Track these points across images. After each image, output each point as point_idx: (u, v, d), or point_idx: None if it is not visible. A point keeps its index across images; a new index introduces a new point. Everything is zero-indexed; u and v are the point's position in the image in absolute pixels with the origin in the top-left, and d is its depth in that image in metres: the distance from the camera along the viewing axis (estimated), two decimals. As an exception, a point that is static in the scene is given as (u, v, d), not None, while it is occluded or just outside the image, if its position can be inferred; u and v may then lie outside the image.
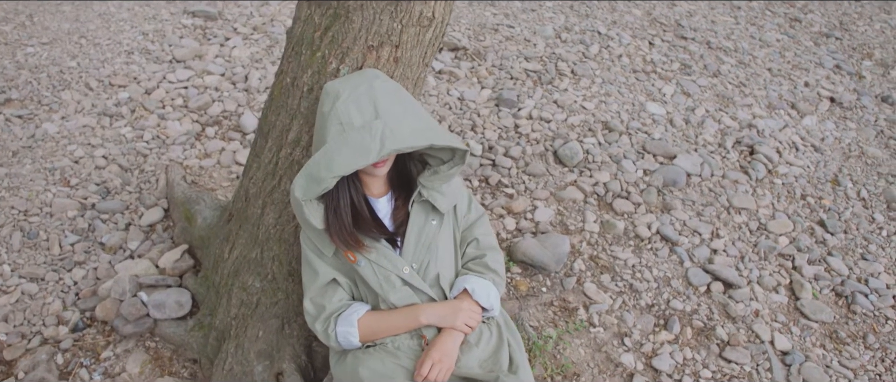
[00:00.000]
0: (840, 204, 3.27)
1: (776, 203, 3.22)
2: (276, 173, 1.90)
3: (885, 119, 4.12)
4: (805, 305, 2.64)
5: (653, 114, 3.79)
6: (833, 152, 3.71)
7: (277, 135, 1.89)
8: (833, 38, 5.28)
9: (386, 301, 1.71)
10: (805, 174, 3.45)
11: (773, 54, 4.80)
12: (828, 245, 2.99)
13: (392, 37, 1.78)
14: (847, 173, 3.52)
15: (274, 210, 1.92)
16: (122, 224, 2.74)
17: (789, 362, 2.40)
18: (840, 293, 2.74)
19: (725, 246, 2.90)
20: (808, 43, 5.11)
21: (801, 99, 4.20)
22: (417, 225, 1.77)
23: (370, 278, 1.70)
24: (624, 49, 4.54)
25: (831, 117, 4.07)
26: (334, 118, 1.58)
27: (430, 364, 1.60)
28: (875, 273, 2.86)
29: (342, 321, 1.69)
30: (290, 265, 1.94)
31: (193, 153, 3.21)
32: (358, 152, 1.54)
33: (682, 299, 2.63)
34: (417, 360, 1.66)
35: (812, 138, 3.79)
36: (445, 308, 1.70)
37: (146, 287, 2.35)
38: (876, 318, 2.65)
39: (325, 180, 1.55)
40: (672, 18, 5.18)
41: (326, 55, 1.77)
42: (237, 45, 4.10)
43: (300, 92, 1.83)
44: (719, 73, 4.39)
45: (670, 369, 2.34)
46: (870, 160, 3.68)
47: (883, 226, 3.16)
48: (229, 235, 2.04)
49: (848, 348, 2.50)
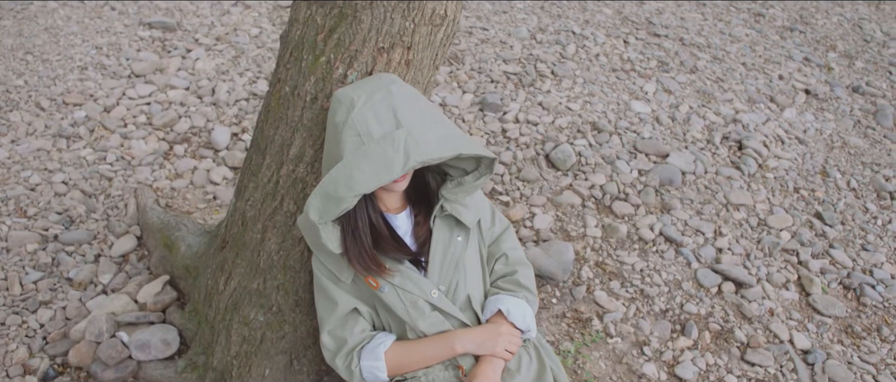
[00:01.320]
0: (832, 195, 3.26)
1: (772, 198, 3.18)
2: (277, 193, 1.71)
3: (859, 109, 4.17)
4: (817, 300, 2.59)
5: (639, 112, 3.72)
6: (817, 143, 3.71)
7: (277, 151, 1.70)
8: (796, 31, 5.35)
9: (414, 330, 1.54)
10: (794, 167, 3.43)
11: (744, 49, 4.82)
12: (828, 238, 2.95)
13: (404, 37, 1.62)
14: (834, 164, 3.52)
15: (276, 235, 1.72)
16: (90, 256, 2.48)
17: (812, 361, 2.33)
18: (848, 285, 2.70)
19: (730, 245, 2.83)
20: (774, 37, 5.17)
21: (779, 92, 4.21)
22: (442, 242, 1.61)
23: (395, 304, 1.53)
24: (600, 48, 4.48)
25: (809, 109, 4.08)
26: (350, 130, 1.41)
27: (476, 400, 1.44)
28: (878, 264, 2.83)
29: (367, 354, 1.51)
30: (297, 294, 1.75)
31: (163, 174, 2.96)
32: (381, 167, 1.37)
33: (695, 302, 2.53)
34: (458, 393, 1.50)
35: (795, 131, 3.79)
36: (483, 334, 1.54)
37: (125, 326, 2.11)
38: (886, 309, 2.61)
39: (346, 199, 1.38)
40: (642, 16, 5.16)
41: (332, 60, 1.60)
42: (200, 57, 3.85)
43: (302, 102, 1.64)
44: (696, 69, 4.37)
45: (694, 377, 2.24)
46: (852, 150, 3.69)
47: (877, 215, 3.16)
48: (224, 264, 1.84)
49: (865, 342, 2.45)
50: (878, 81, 4.58)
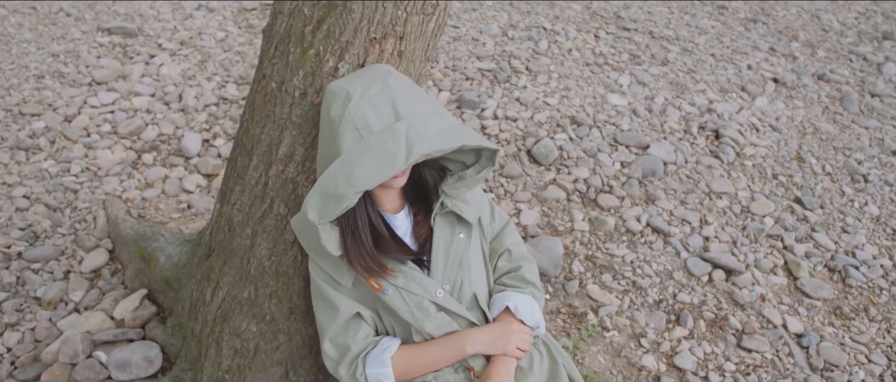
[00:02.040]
0: (809, 180, 3.30)
1: (752, 185, 3.20)
2: (267, 195, 1.62)
3: (826, 96, 4.24)
4: (805, 284, 2.60)
5: (616, 105, 3.72)
6: (789, 130, 3.76)
7: (264, 150, 1.61)
8: (759, 22, 5.45)
9: (421, 332, 1.47)
10: (771, 154, 3.47)
11: (711, 40, 4.88)
12: (810, 222, 2.98)
13: (396, 27, 1.54)
14: (808, 150, 3.57)
15: (267, 240, 1.63)
16: (58, 273, 2.34)
17: (806, 344, 2.34)
18: (833, 268, 2.73)
19: (716, 233, 2.83)
20: (739, 28, 5.24)
21: (749, 81, 4.26)
22: (444, 240, 1.54)
23: (400, 307, 1.45)
24: (572, 43, 4.47)
25: (779, 97, 4.14)
26: (348, 123, 1.33)
27: (493, 401, 1.38)
28: (859, 245, 2.87)
29: (372, 361, 1.43)
30: (291, 301, 1.66)
31: (132, 184, 2.82)
32: (383, 161, 1.30)
33: (687, 291, 2.52)
34: (470, 396, 1.43)
35: (768, 119, 3.83)
36: (493, 333, 1.47)
37: (103, 345, 1.99)
38: (871, 289, 2.64)
39: (347, 196, 1.30)
40: (611, 11, 5.18)
41: (321, 52, 1.51)
42: (165, 63, 3.70)
43: (291, 98, 1.56)
44: (668, 61, 4.40)
45: (694, 366, 2.22)
46: (824, 136, 3.75)
47: (853, 198, 3.20)
48: (211, 273, 1.73)
49: (854, 323, 2.47)
50: (840, 69, 4.68)
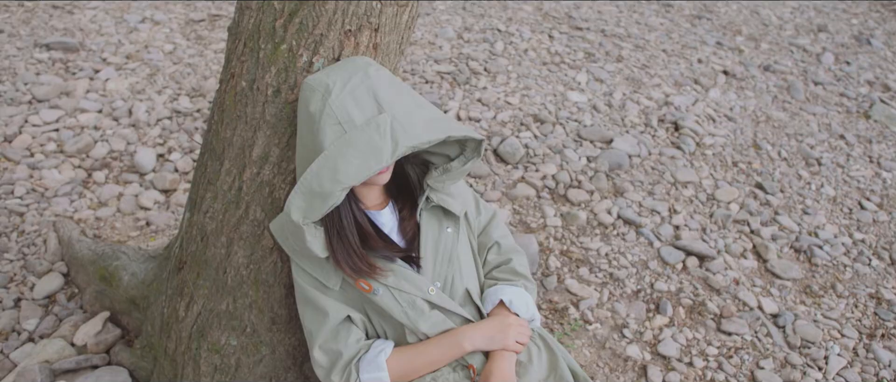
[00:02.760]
0: (768, 166, 3.38)
1: (714, 173, 3.25)
2: (241, 200, 1.54)
3: (774, 85, 4.38)
4: (774, 266, 2.65)
5: (576, 102, 3.74)
6: (744, 119, 3.86)
7: (237, 154, 1.53)
8: (704, 18, 5.60)
9: (415, 333, 1.41)
10: (729, 143, 3.54)
11: (661, 37, 4.98)
12: (772, 206, 3.05)
13: (371, 18, 1.49)
14: (763, 138, 3.66)
15: (243, 247, 1.54)
16: (8, 301, 2.17)
17: (782, 323, 2.37)
18: (798, 249, 2.79)
19: (685, 221, 2.87)
20: (686, 25, 5.38)
21: (700, 75, 4.36)
22: (432, 236, 1.49)
23: (392, 307, 1.39)
24: (527, 44, 4.49)
25: (731, 89, 4.25)
26: (329, 118, 1.27)
27: (496, 397, 1.32)
28: (820, 226, 2.95)
29: (366, 366, 1.36)
30: (273, 311, 1.57)
31: (84, 204, 2.67)
32: (368, 155, 1.24)
33: (664, 280, 2.53)
34: (472, 395, 1.38)
35: (723, 109, 3.92)
36: (491, 328, 1.43)
37: (64, 374, 1.85)
38: (835, 267, 2.71)
39: (333, 193, 1.24)
40: (562, 11, 5.23)
41: (294, 47, 1.45)
42: (111, 77, 3.53)
43: (263, 96, 1.48)
44: (622, 58, 4.46)
45: (678, 353, 2.22)
46: (776, 123, 3.86)
47: (809, 181, 3.30)
48: (184, 287, 1.63)
49: (823, 300, 2.53)
50: (784, 61, 4.84)
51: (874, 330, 2.39)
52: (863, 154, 3.61)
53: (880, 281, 2.65)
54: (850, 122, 4.00)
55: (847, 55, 5.10)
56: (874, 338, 2.36)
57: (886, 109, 4.18)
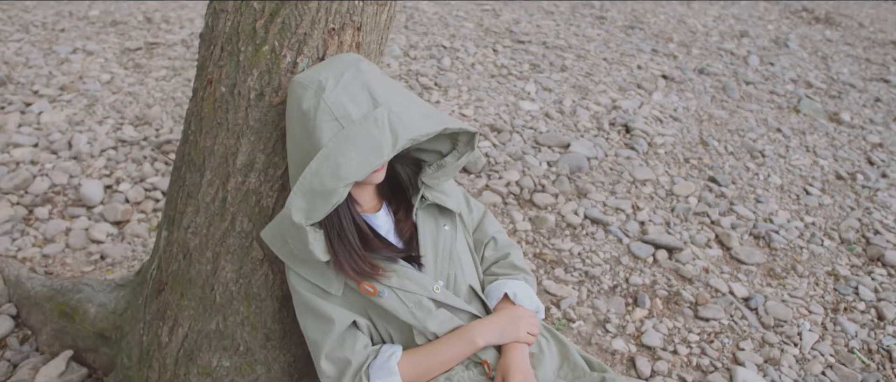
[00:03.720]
0: (717, 161, 3.51)
1: (669, 170, 3.35)
2: (226, 212, 1.46)
3: (710, 86, 4.58)
4: (738, 252, 2.74)
5: (529, 110, 3.79)
6: (688, 119, 4.01)
7: (219, 163, 1.45)
8: (636, 29, 5.83)
9: (424, 333, 1.36)
10: (678, 141, 3.67)
11: (600, 47, 5.14)
12: (727, 197, 3.16)
13: (354, 17, 1.46)
14: (708, 135, 3.81)
15: (232, 261, 1.46)
16: (-48, 351, 1.98)
17: (753, 305, 2.44)
18: (757, 235, 2.89)
19: (650, 217, 2.93)
20: (621, 35, 5.58)
21: (642, 80, 4.52)
22: (430, 234, 1.46)
23: (398, 309, 1.34)
24: (473, 58, 4.54)
25: (671, 91, 4.42)
26: (325, 114, 1.23)
27: (516, 389, 1.29)
28: (773, 212, 3.07)
29: (378, 371, 1.30)
30: (266, 327, 1.49)
31: (28, 242, 2.48)
32: (369, 149, 1.21)
33: (637, 274, 2.57)
34: (490, 390, 1.34)
35: (668, 110, 4.06)
36: (502, 321, 1.39)
37: (27, 420, 1.69)
38: (793, 249, 2.83)
39: (336, 190, 1.19)
40: (502, 27, 5.33)
41: (277, 48, 1.40)
42: (44, 110, 3.33)
43: (246, 101, 1.42)
44: (566, 67, 4.57)
45: (662, 342, 2.25)
46: (718, 121, 4.03)
47: (757, 172, 3.44)
48: (166, 311, 1.52)
49: (787, 281, 2.62)
50: (715, 64, 5.08)
51: (837, 305, 2.50)
52: (799, 145, 3.81)
53: (834, 260, 2.78)
54: (783, 116, 4.22)
55: (770, 57, 5.41)
56: (838, 312, 2.46)
57: (812, 104, 4.44)
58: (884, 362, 2.23)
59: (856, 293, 2.55)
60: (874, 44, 6.29)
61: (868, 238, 2.93)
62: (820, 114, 4.32)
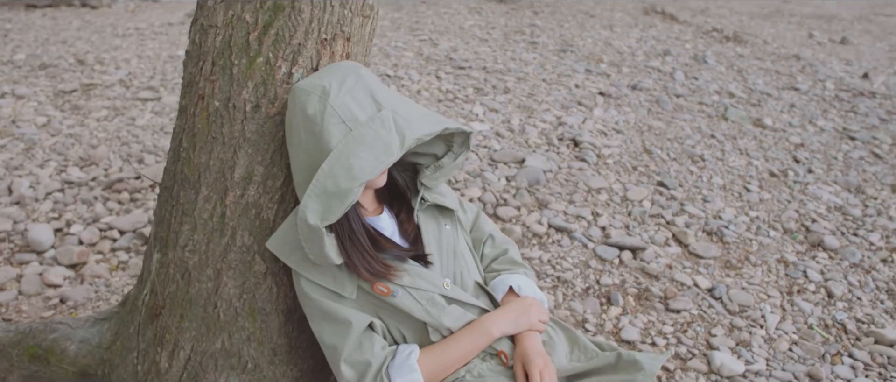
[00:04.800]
0: (662, 167, 3.70)
1: (620, 178, 3.50)
2: (226, 227, 1.44)
3: (645, 100, 4.83)
4: (696, 248, 2.88)
5: (480, 131, 3.88)
6: (630, 131, 4.20)
7: (216, 178, 1.43)
8: (568, 52, 6.09)
9: (439, 329, 1.38)
10: (624, 151, 3.84)
11: (538, 69, 5.33)
12: (677, 199, 3.33)
13: (344, 27, 1.50)
14: (650, 144, 4.01)
15: (234, 277, 1.43)
16: None
17: (718, 295, 2.57)
18: (709, 231, 3.06)
19: (610, 221, 3.04)
20: (554, 58, 5.81)
21: (581, 97, 4.71)
22: (433, 234, 1.49)
23: (413, 307, 1.36)
24: (418, 85, 4.62)
25: (610, 106, 4.63)
26: (332, 117, 1.26)
27: (539, 372, 1.31)
28: (721, 210, 3.26)
29: (398, 370, 1.31)
30: (273, 342, 1.46)
31: (-24, 292, 2.32)
32: (379, 149, 1.24)
33: (607, 275, 2.66)
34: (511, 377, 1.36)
35: (609, 124, 4.25)
36: (514, 311, 1.43)
37: None
38: (744, 242, 3.00)
39: (352, 190, 1.21)
40: (442, 55, 5.45)
41: (272, 59, 1.41)
42: (-22, 156, 3.15)
43: (242, 114, 1.42)
44: (509, 89, 4.72)
45: (640, 336, 2.33)
46: (657, 131, 4.25)
47: (700, 174, 3.65)
48: (164, 335, 1.46)
49: (743, 270, 2.78)
50: (646, 80, 5.36)
51: (791, 288, 2.67)
52: (733, 148, 4.06)
53: (781, 248, 2.97)
54: (714, 124, 4.49)
55: (693, 72, 5.76)
56: (793, 294, 2.62)
57: (738, 112, 4.75)
58: (840, 334, 2.39)
59: (805, 276, 2.73)
60: (780, 58, 6.80)
61: (807, 227, 3.15)
62: (745, 120, 4.62)
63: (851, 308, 2.54)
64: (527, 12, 8.03)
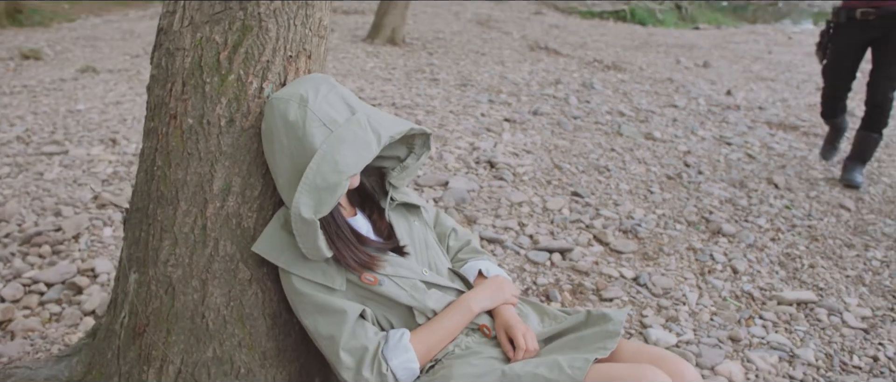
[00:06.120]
0: (573, 179, 3.99)
1: (538, 191, 3.75)
2: (208, 238, 1.48)
3: (547, 124, 5.19)
4: (616, 246, 3.15)
5: (402, 160, 4.02)
6: (538, 151, 4.50)
7: (194, 192, 1.48)
8: (468, 86, 6.41)
9: (424, 312, 1.48)
10: (537, 169, 4.11)
11: (443, 102, 5.58)
12: (592, 205, 3.61)
13: (306, 45, 1.61)
14: (559, 161, 4.31)
15: (220, 286, 1.47)
16: None
17: (643, 282, 2.83)
18: (624, 230, 3.35)
19: (536, 230, 3.26)
20: (457, 92, 6.10)
21: (489, 125, 4.99)
22: (405, 230, 1.61)
23: (398, 294, 1.46)
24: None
25: (517, 131, 4.93)
26: (313, 121, 1.37)
27: (522, 335, 1.45)
28: (632, 211, 3.57)
29: (393, 351, 1.40)
30: (262, 345, 1.50)
31: None
32: (360, 146, 1.36)
33: (542, 275, 2.85)
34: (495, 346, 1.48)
35: (519, 146, 4.53)
36: (489, 289, 1.57)
37: None
38: (655, 236, 3.31)
39: (340, 183, 1.32)
40: (351, 95, 5.58)
41: (243, 76, 1.50)
42: None
43: (217, 129, 1.48)
44: (420, 122, 4.91)
45: (581, 324, 2.52)
46: (563, 150, 4.58)
47: (607, 183, 3.97)
48: (151, 351, 1.46)
49: (659, 260, 3.07)
50: (544, 106, 5.75)
51: (702, 270, 2.98)
52: (632, 159, 4.46)
53: (688, 238, 3.30)
54: (611, 139, 4.90)
55: (584, 96, 6.24)
56: (705, 275, 2.93)
57: (630, 128, 5.21)
58: (749, 301, 2.71)
59: (712, 259, 3.06)
60: (656, 81, 7.49)
61: (706, 218, 3.52)
62: (637, 135, 5.07)
63: (754, 280, 2.87)
64: (422, 54, 8.34)
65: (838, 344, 2.43)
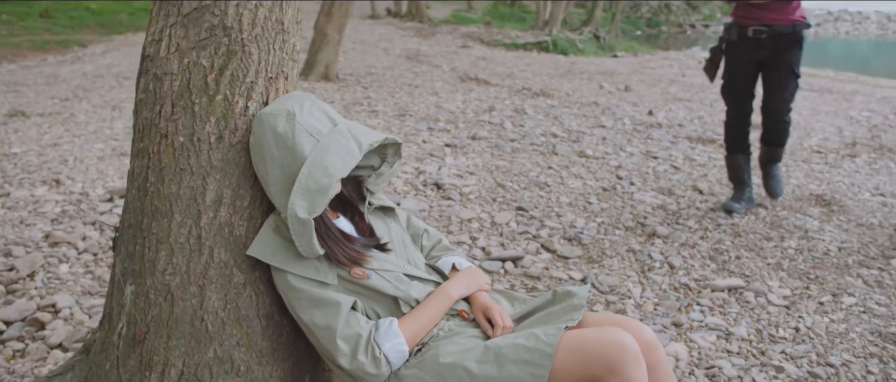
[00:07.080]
0: (517, 195, 4.23)
1: (484, 208, 3.96)
2: (203, 246, 1.58)
3: (486, 147, 5.44)
4: (562, 252, 3.37)
5: (352, 186, 4.15)
6: (480, 172, 4.73)
7: (187, 205, 1.58)
8: (407, 116, 6.62)
9: (408, 301, 1.64)
10: (482, 188, 4.33)
11: (385, 131, 5.75)
12: (537, 217, 3.84)
13: (284, 68, 1.76)
14: (501, 180, 4.55)
15: (217, 290, 1.57)
16: None
17: (590, 281, 3.05)
18: (569, 238, 3.58)
19: (487, 242, 3.45)
20: (396, 121, 6.29)
21: (431, 150, 5.19)
22: (384, 230, 1.77)
23: (385, 286, 1.61)
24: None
25: (458, 155, 5.15)
26: (301, 132, 1.52)
27: (498, 314, 1.61)
28: (574, 220, 3.82)
29: (384, 336, 1.54)
30: (259, 345, 1.60)
31: None
32: (345, 153, 1.53)
33: (498, 282, 3.03)
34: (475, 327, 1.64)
35: (462, 168, 4.75)
36: (465, 278, 1.73)
37: None
38: (598, 242, 3.56)
39: (331, 185, 1.47)
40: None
41: (229, 96, 1.63)
42: None
43: (207, 145, 1.60)
44: (366, 150, 5.05)
45: (539, 322, 2.70)
46: (504, 170, 4.82)
47: (548, 197, 4.23)
48: (152, 357, 1.53)
49: (603, 262, 3.31)
50: (481, 132, 6.02)
51: (643, 268, 3.24)
52: (569, 175, 4.75)
53: (627, 241, 3.57)
54: (548, 158, 5.19)
55: (518, 121, 6.56)
56: (645, 272, 3.19)
57: (564, 147, 5.53)
58: (686, 291, 2.97)
59: (650, 258, 3.33)
60: (583, 105, 7.93)
61: (642, 223, 3.81)
62: (571, 153, 5.40)
63: (689, 273, 3.15)
64: (357, 88, 8.51)
65: (766, 321, 2.71)
